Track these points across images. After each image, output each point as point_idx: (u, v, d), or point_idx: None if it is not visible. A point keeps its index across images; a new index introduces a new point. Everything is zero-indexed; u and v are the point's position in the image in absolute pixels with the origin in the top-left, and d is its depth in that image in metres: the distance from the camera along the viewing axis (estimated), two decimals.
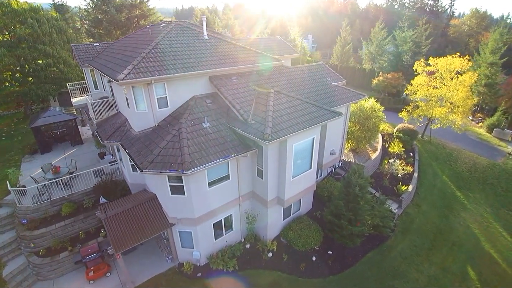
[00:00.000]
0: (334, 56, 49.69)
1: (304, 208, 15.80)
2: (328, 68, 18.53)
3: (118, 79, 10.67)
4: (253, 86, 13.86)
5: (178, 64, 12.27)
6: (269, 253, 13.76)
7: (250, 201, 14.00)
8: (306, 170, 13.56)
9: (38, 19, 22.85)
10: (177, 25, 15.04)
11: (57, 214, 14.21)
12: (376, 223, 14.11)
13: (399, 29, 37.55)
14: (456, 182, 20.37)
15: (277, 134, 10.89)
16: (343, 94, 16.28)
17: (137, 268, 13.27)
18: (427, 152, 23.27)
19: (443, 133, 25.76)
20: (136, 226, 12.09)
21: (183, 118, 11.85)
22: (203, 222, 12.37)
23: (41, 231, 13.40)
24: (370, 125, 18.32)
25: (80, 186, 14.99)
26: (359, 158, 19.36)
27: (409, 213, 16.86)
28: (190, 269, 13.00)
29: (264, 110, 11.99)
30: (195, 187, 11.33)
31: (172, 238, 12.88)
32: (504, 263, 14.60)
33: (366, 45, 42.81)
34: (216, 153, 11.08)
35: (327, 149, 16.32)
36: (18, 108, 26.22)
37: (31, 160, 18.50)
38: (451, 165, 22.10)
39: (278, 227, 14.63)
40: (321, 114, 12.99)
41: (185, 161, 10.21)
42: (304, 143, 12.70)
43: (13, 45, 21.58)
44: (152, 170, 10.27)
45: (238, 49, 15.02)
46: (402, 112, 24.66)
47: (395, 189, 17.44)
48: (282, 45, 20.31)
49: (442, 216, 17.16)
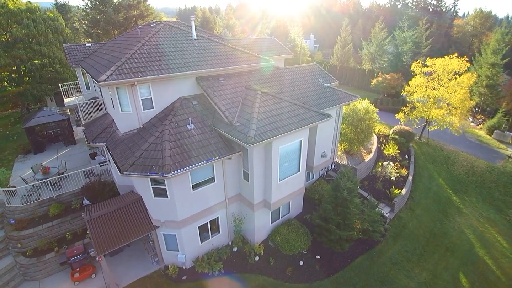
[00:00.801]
0: (334, 56, 49.25)
1: (294, 211, 15.60)
2: (321, 69, 18.27)
3: (99, 80, 10.58)
4: (240, 88, 13.69)
5: (163, 65, 12.15)
6: (256, 257, 13.59)
7: (238, 203, 13.84)
8: (294, 173, 13.36)
9: (34, 19, 22.95)
10: (166, 25, 14.93)
11: (45, 214, 14.22)
12: (365, 227, 13.83)
13: (399, 29, 37.01)
14: (452, 185, 19.95)
15: (260, 137, 10.71)
16: (335, 96, 16.02)
17: (123, 270, 13.21)
18: (424, 155, 22.86)
19: (441, 135, 25.33)
20: (119, 228, 12.00)
21: (167, 119, 11.73)
22: (188, 225, 12.24)
23: (28, 231, 13.41)
24: (363, 127, 18.02)
25: (69, 187, 14.98)
26: (353, 161, 19.06)
27: (401, 217, 16.54)
28: (175, 272, 12.89)
29: (250, 112, 11.82)
30: (178, 190, 11.20)
31: (157, 241, 12.78)
32: (498, 270, 14.22)
33: (366, 46, 42.32)
34: (199, 156, 10.93)
35: (318, 151, 16.07)
36: (15, 108, 26.40)
37: (24, 160, 18.56)
38: (448, 168, 21.67)
39: (266, 230, 14.45)
40: (309, 116, 12.76)
41: (165, 164, 10.08)
42: (291, 145, 12.50)
43: (9, 45, 21.70)
44: (133, 173, 10.15)
45: (228, 50, 14.85)
46: (399, 114, 24.27)
47: (388, 193, 17.13)
48: (276, 45, 20.04)
49: (436, 221, 16.80)
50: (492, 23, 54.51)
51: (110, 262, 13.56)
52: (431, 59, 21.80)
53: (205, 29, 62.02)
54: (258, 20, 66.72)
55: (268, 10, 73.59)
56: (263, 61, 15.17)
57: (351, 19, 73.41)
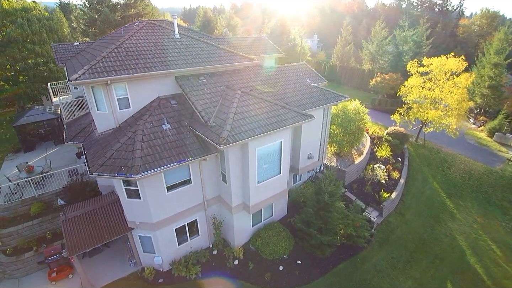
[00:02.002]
0: (335, 56, 48.54)
1: (278, 214, 15.23)
2: (310, 69, 17.86)
3: (71, 79, 10.43)
4: (221, 87, 13.41)
5: (139, 64, 11.93)
6: (235, 261, 13.29)
7: (218, 205, 13.55)
8: (274, 175, 13.01)
9: (29, 19, 23.09)
10: (149, 23, 14.72)
11: (26, 213, 14.18)
12: (349, 232, 13.39)
13: (399, 28, 36.16)
14: (447, 189, 19.27)
15: (234, 138, 10.40)
16: (321, 96, 15.59)
17: (101, 270, 13.08)
18: (419, 157, 22.20)
19: (439, 137, 24.56)
20: (94, 229, 11.85)
21: (142, 119, 11.52)
22: (163, 227, 12.00)
23: (9, 230, 13.43)
24: (353, 128, 17.53)
25: (52, 186, 14.91)
26: (343, 163, 18.59)
27: (390, 222, 16.00)
28: (152, 275, 12.67)
29: (227, 112, 11.52)
30: (151, 191, 10.96)
31: (133, 243, 12.58)
32: (489, 280, 13.60)
33: (366, 45, 41.50)
34: (172, 157, 10.67)
35: (304, 153, 15.66)
36: (11, 107, 26.64)
37: (14, 159, 18.62)
38: (444, 171, 20.97)
39: (248, 233, 14.12)
40: (290, 116, 12.39)
41: (135, 165, 9.85)
42: (270, 147, 12.15)
43: (3, 44, 21.88)
44: (102, 174, 9.95)
45: (211, 49, 14.57)
46: (394, 115, 23.64)
47: (377, 196, 16.61)
48: (266, 45, 19.72)
49: (427, 226, 16.20)
50: (499, 23, 52.95)
51: (89, 262, 13.48)
52: (428, 58, 21.10)
53: (207, 28, 62.01)
54: (262, 19, 66.32)
55: (269, 9, 73.28)
56: (247, 60, 14.82)
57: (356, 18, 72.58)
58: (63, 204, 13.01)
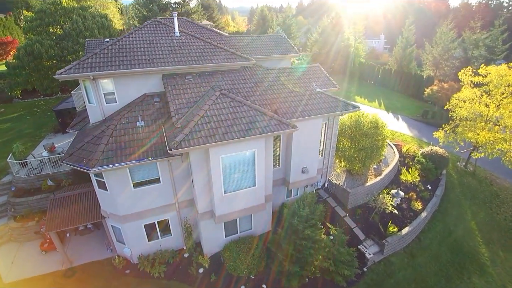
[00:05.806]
0: (393, 58, 43.12)
1: (259, 228, 14.06)
2: (322, 72, 15.95)
3: (56, 73, 11.26)
4: (207, 87, 12.90)
5: (125, 61, 12.25)
6: (200, 269, 12.77)
7: (190, 209, 13.19)
8: (248, 186, 11.99)
9: (84, 16, 26.31)
10: (154, 22, 15.07)
11: (39, 188, 16.14)
12: (326, 266, 11.49)
13: (469, 30, 29.83)
14: (487, 233, 15.11)
15: (189, 143, 9.81)
16: (324, 103, 13.73)
17: (83, 250, 14.09)
18: (462, 187, 17.99)
19: (498, 165, 19.45)
20: (73, 211, 12.77)
21: (119, 114, 11.82)
22: (131, 221, 12.20)
23: (22, 199, 15.43)
24: (366, 143, 15.06)
25: (65, 167, 16.64)
26: (353, 182, 16.21)
27: (392, 262, 13.23)
28: (121, 264, 13.07)
29: (196, 113, 10.97)
30: (117, 185, 11.19)
31: (108, 230, 13.14)
32: None
33: (430, 49, 35.49)
34: (132, 155, 10.65)
35: (297, 166, 14.08)
36: (64, 93, 30.78)
37: (51, 138, 21.50)
38: (492, 209, 16.52)
39: (220, 243, 13.40)
40: (266, 124, 11.17)
41: (93, 158, 10.12)
42: (239, 156, 11.19)
43: (61, 38, 25.45)
44: (68, 163, 10.53)
45: (207, 48, 14.18)
46: (438, 132, 19.66)
47: (381, 228, 13.95)
48: (283, 44, 18.36)
49: (442, 276, 12.92)
50: None
51: (77, 240, 14.70)
52: (485, 66, 16.78)
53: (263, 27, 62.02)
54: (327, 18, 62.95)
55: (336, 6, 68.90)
56: (243, 60, 13.97)
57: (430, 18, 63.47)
58: (51, 185, 14.32)
